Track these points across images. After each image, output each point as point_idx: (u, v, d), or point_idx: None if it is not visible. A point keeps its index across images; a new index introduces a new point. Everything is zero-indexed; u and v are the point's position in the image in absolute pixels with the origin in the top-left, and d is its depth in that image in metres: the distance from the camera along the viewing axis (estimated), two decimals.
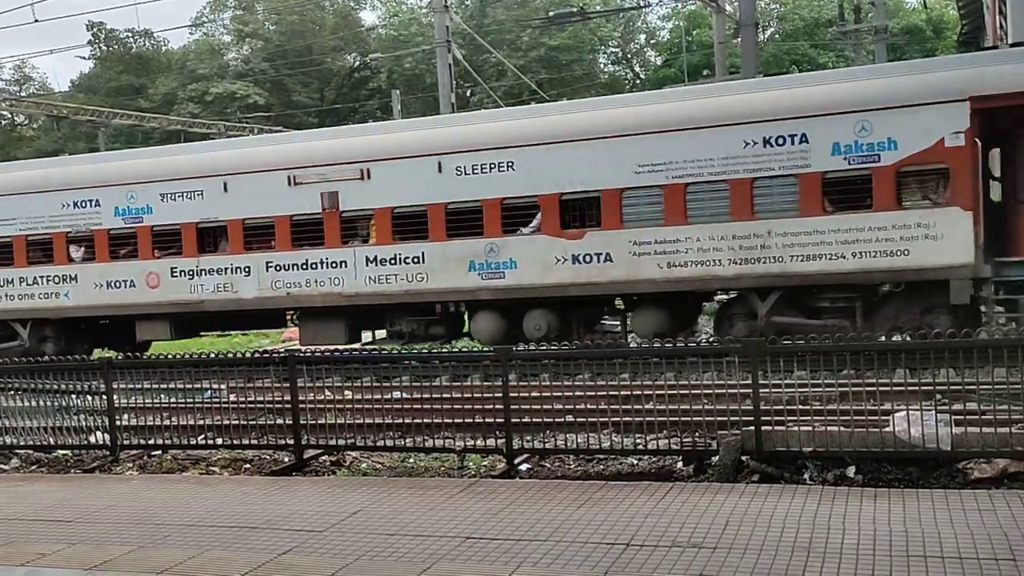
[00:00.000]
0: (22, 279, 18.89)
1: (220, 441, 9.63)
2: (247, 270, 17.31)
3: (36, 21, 30.58)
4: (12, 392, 10.89)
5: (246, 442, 9.51)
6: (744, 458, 7.69)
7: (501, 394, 8.46)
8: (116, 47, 60.37)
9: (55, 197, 18.56)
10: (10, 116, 62.71)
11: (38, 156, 36.43)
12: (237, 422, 9.60)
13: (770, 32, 52.45)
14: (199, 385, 10.23)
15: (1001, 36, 21.89)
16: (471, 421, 8.97)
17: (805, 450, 7.55)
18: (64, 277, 18.57)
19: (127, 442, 10.00)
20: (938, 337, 7.75)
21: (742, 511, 6.25)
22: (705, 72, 34.86)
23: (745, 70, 21.36)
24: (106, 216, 18.23)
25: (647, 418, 8.23)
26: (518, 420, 8.67)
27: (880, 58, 31.18)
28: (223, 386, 10.56)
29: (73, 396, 10.47)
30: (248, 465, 9.69)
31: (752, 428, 7.68)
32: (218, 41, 61.19)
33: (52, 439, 10.24)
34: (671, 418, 8.19)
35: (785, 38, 50.45)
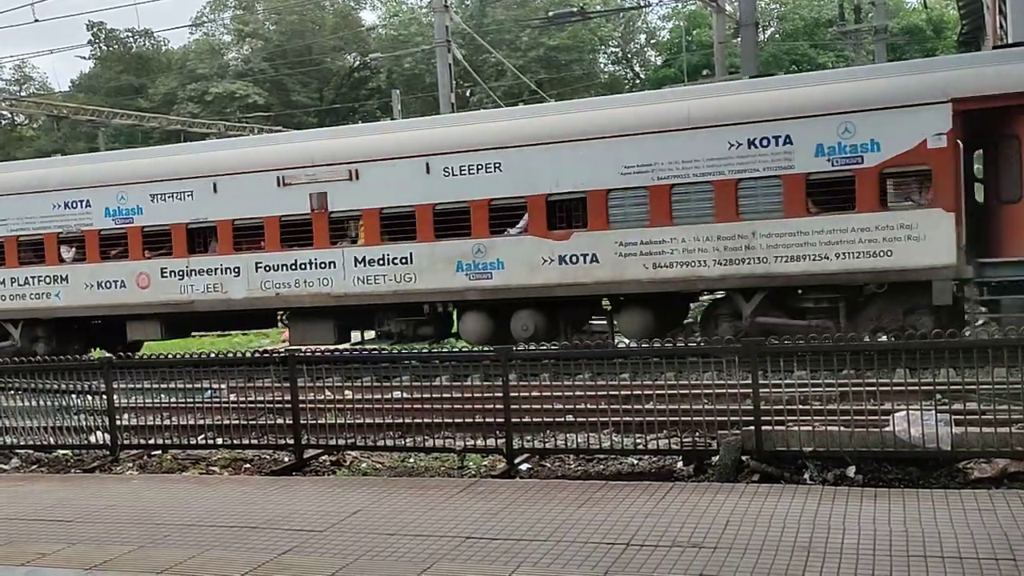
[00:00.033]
0: (14, 279, 18.94)
1: (220, 441, 9.64)
2: (237, 271, 17.36)
3: (36, 21, 30.57)
4: (12, 392, 10.90)
5: (246, 442, 9.51)
6: (744, 458, 7.70)
7: (501, 394, 8.46)
8: (116, 47, 60.43)
9: (46, 198, 18.62)
10: (10, 116, 62.77)
11: (38, 156, 36.39)
12: (237, 422, 9.61)
13: (770, 32, 52.47)
14: (199, 385, 10.24)
15: (1001, 36, 21.89)
16: (471, 421, 8.98)
17: (805, 450, 7.55)
18: (55, 277, 18.62)
19: (127, 442, 10.01)
20: (938, 337, 7.75)
21: (742, 511, 6.26)
22: (705, 72, 34.89)
23: (745, 70, 21.33)
24: (97, 217, 18.29)
25: (647, 418, 8.23)
26: (518, 420, 8.67)
27: (880, 58, 31.19)
28: (223, 386, 10.57)
29: (73, 396, 10.48)
30: (248, 465, 9.70)
31: (752, 428, 7.69)
32: (218, 41, 61.22)
33: (52, 439, 10.25)
34: (671, 418, 8.20)
35: (785, 38, 50.48)
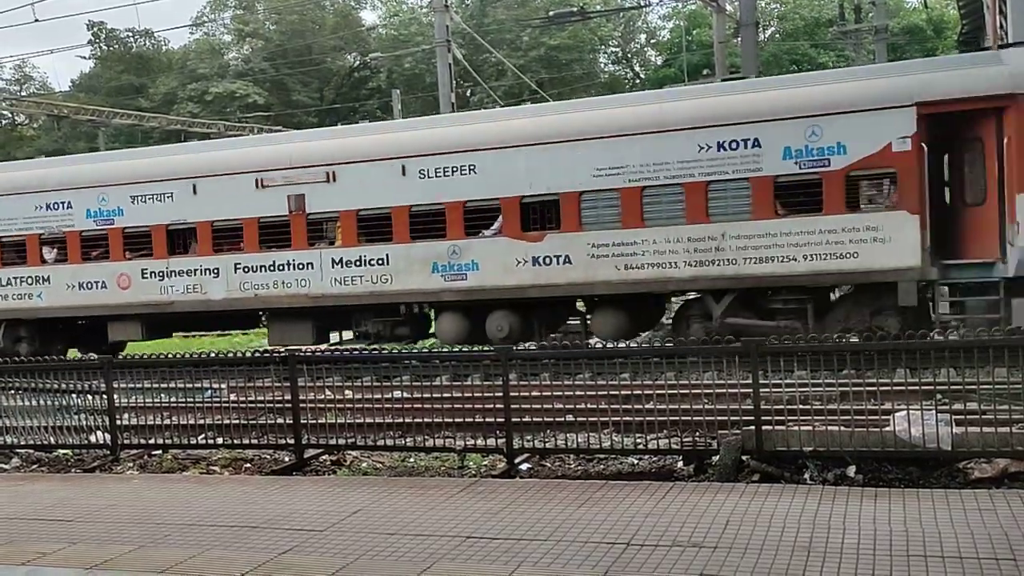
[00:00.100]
0: None
1: (220, 441, 9.64)
2: (216, 271, 17.46)
3: (36, 21, 30.51)
4: (13, 391, 10.90)
5: (246, 442, 9.52)
6: (744, 458, 7.70)
7: (501, 394, 8.47)
8: (116, 47, 60.44)
9: (28, 199, 18.72)
10: (10, 116, 62.78)
11: (39, 156, 36.38)
12: (237, 422, 9.61)
13: (770, 32, 52.45)
14: (199, 385, 10.25)
15: (1001, 36, 21.86)
16: (471, 421, 8.99)
17: (805, 450, 7.55)
18: (37, 278, 18.72)
19: (127, 441, 10.01)
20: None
21: (742, 511, 6.26)
22: (705, 72, 34.84)
23: (745, 70, 21.35)
24: (78, 218, 18.39)
25: (647, 418, 8.23)
26: (518, 420, 8.68)
27: (880, 58, 31.18)
28: (223, 386, 10.57)
29: (73, 395, 10.48)
30: (248, 465, 9.69)
31: (752, 428, 7.69)
32: (218, 41, 61.20)
33: (53, 438, 10.25)
34: (671, 418, 8.20)
35: (785, 38, 50.46)
